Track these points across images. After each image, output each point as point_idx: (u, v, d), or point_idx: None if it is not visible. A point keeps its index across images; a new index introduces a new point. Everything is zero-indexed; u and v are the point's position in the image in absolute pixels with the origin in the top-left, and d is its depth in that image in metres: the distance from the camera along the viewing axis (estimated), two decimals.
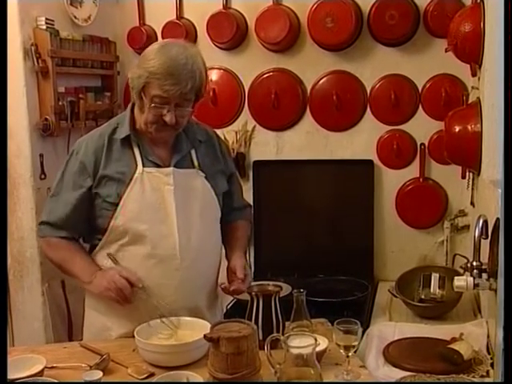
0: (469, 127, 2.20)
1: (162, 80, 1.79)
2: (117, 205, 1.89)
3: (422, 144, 3.01)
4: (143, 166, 1.92)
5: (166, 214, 1.90)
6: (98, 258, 1.98)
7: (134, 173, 1.91)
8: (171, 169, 1.93)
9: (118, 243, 1.93)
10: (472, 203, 2.71)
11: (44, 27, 2.65)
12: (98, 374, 1.60)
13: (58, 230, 1.96)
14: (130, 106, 1.98)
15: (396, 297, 2.55)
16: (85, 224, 1.99)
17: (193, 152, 2.01)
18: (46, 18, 2.66)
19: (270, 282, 1.93)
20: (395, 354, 1.86)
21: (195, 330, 1.75)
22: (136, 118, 1.95)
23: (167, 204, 1.91)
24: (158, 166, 1.93)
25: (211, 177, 2.01)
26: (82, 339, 2.04)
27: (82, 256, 1.97)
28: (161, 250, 1.90)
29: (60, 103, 2.74)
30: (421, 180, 3.03)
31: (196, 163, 2.00)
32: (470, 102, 2.57)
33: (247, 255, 3.14)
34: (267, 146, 3.21)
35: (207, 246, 1.99)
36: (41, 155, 2.69)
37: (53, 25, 2.70)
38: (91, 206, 1.95)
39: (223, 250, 2.13)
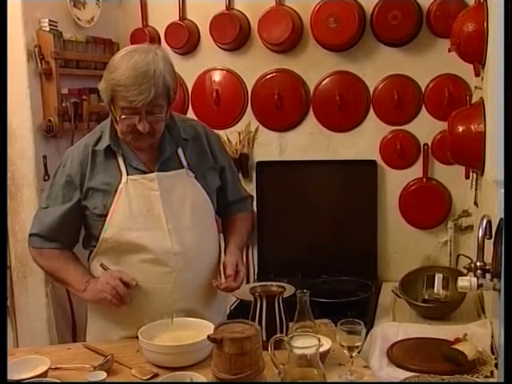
0: (472, 127, 2.20)
1: (124, 91, 1.75)
2: (105, 216, 1.89)
3: (425, 144, 3.01)
4: (128, 174, 1.90)
5: (155, 220, 1.89)
6: (92, 266, 1.99)
7: (119, 183, 1.89)
8: (155, 174, 1.91)
9: (110, 252, 1.92)
10: (476, 203, 2.71)
11: (47, 29, 2.66)
12: (101, 375, 1.60)
13: (50, 242, 1.96)
14: (110, 117, 1.94)
15: (399, 297, 2.54)
16: (76, 235, 1.99)
17: (180, 152, 1.97)
18: (50, 20, 2.66)
19: (274, 283, 1.93)
20: (399, 354, 1.85)
21: (198, 330, 1.75)
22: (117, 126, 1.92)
23: (155, 209, 1.89)
24: (143, 172, 1.91)
25: (201, 175, 1.98)
26: (85, 341, 2.04)
27: (76, 265, 1.96)
28: (153, 254, 1.89)
29: (63, 104, 2.74)
30: (424, 180, 3.03)
31: (184, 163, 1.97)
32: (473, 101, 2.57)
33: (248, 251, 3.17)
34: (270, 146, 3.21)
35: (202, 246, 1.97)
36: (44, 156, 2.69)
37: (56, 26, 2.70)
38: (82, 217, 1.95)
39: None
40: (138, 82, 1.74)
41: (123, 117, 1.80)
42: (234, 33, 3.06)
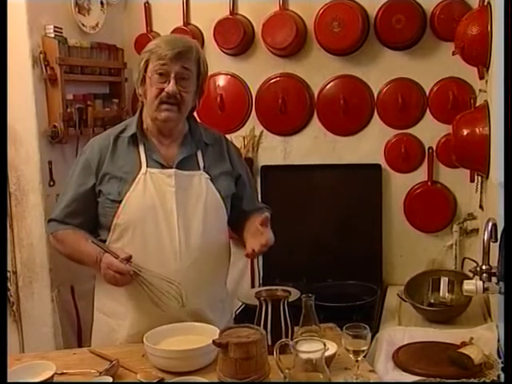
0: (477, 130, 2.19)
1: (160, 49, 1.88)
2: (118, 202, 1.91)
3: (429, 147, 3.00)
4: (147, 165, 1.94)
5: (166, 215, 1.91)
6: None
7: (138, 172, 1.93)
8: (173, 170, 1.94)
9: (120, 242, 1.93)
10: (481, 206, 2.70)
11: (52, 35, 2.67)
12: (107, 380, 1.60)
13: (64, 225, 2.00)
14: (138, 109, 2.02)
15: (405, 301, 2.54)
16: (89, 221, 2.00)
17: (199, 154, 2.02)
18: (55, 26, 2.67)
19: (279, 287, 1.93)
20: (405, 358, 1.85)
21: (204, 335, 1.75)
22: (143, 118, 1.99)
23: (168, 206, 1.92)
24: (161, 165, 1.95)
25: (215, 178, 2.01)
26: (90, 344, 2.04)
27: (85, 243, 1.94)
28: (161, 250, 1.90)
29: (68, 110, 2.75)
30: (429, 184, 3.02)
31: (201, 165, 2.01)
32: (477, 105, 2.57)
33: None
34: (275, 150, 3.21)
35: (210, 247, 1.97)
36: (49, 162, 2.70)
37: (61, 33, 2.71)
38: (95, 203, 1.97)
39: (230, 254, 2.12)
40: (172, 42, 1.91)
41: (155, 74, 1.88)
42: (238, 37, 3.07)
